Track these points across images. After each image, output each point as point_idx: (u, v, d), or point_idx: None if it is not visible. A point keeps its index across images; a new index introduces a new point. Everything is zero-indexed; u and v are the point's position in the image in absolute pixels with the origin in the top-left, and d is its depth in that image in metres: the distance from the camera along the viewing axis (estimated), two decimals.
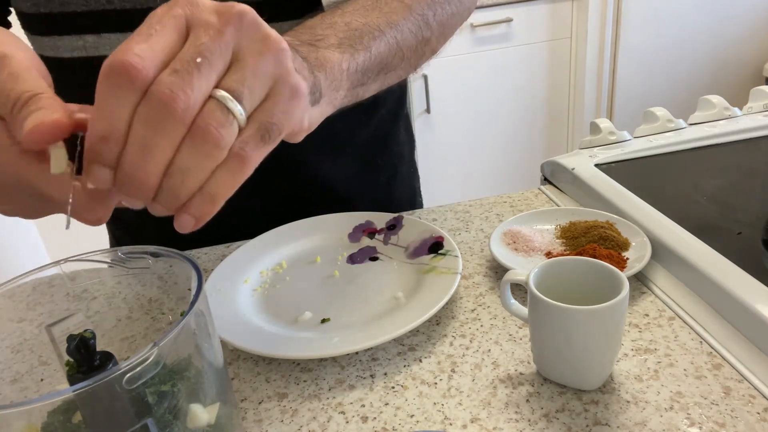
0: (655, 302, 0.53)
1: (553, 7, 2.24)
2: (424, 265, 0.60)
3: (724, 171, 0.73)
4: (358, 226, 0.68)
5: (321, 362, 0.50)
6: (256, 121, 0.31)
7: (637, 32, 2.28)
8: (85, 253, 0.39)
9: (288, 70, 0.32)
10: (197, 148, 0.29)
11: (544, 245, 0.61)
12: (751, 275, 0.49)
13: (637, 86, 2.37)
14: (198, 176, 0.30)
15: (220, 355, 0.37)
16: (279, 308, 0.57)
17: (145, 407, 0.31)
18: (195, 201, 0.31)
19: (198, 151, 0.29)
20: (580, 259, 0.45)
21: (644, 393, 0.43)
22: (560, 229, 0.63)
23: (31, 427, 0.30)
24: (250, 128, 0.31)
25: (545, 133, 2.42)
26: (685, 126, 0.82)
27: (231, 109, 0.30)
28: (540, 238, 0.62)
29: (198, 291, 0.34)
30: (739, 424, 0.40)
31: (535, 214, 0.65)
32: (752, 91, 0.87)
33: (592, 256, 0.54)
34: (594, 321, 0.41)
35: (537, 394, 0.44)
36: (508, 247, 0.60)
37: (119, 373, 0.28)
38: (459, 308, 0.55)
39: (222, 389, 0.37)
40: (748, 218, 0.61)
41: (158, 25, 0.29)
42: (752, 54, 2.41)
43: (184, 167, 0.30)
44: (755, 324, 0.45)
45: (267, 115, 0.32)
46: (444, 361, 0.49)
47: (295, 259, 0.65)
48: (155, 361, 0.30)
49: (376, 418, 0.44)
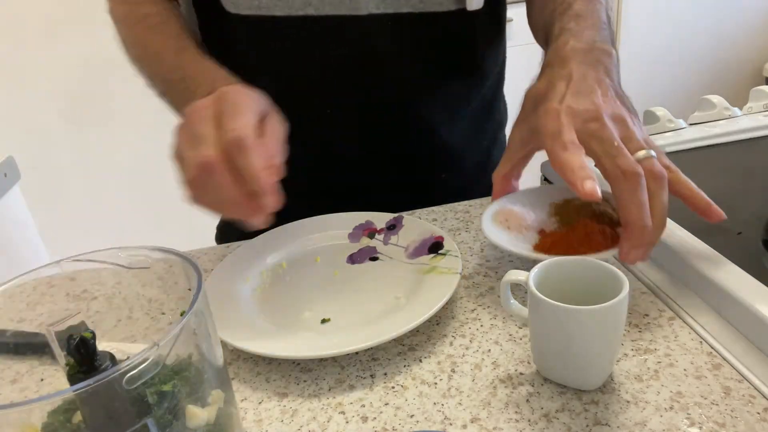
0: (655, 302, 0.53)
1: None
2: (424, 265, 0.59)
3: (724, 171, 0.73)
4: (358, 226, 0.68)
5: (321, 362, 0.50)
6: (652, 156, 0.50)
7: (637, 32, 2.28)
8: (84, 253, 0.39)
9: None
10: (662, 187, 0.49)
11: (537, 223, 0.60)
12: (751, 275, 0.49)
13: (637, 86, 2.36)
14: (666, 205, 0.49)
15: (220, 355, 0.37)
16: (279, 308, 0.57)
17: (145, 407, 0.31)
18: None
19: (663, 187, 0.49)
20: (580, 259, 0.45)
21: (644, 393, 0.43)
22: (554, 206, 0.62)
23: (31, 427, 0.30)
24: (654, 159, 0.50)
25: None
26: (685, 126, 0.82)
27: (651, 156, 0.50)
28: (533, 216, 0.60)
29: (198, 291, 0.34)
30: (739, 424, 0.40)
31: (529, 192, 0.63)
32: (752, 91, 0.87)
33: (584, 232, 0.54)
34: (594, 321, 0.41)
35: (537, 394, 0.44)
36: (500, 226, 0.59)
37: (119, 373, 0.28)
38: (459, 308, 0.55)
39: (222, 389, 0.37)
40: (748, 218, 0.61)
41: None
42: (752, 54, 2.41)
43: (665, 201, 0.49)
44: (755, 324, 0.45)
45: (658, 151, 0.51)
46: (444, 361, 0.49)
47: (295, 259, 0.65)
48: (155, 361, 0.30)
49: (376, 418, 0.44)
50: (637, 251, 0.49)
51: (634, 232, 0.48)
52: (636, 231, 0.48)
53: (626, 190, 0.47)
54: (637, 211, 0.47)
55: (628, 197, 0.47)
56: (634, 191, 0.47)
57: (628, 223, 0.48)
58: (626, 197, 0.48)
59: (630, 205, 0.47)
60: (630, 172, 0.47)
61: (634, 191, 0.47)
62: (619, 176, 0.48)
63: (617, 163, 0.48)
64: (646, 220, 0.47)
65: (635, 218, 0.47)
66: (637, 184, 0.47)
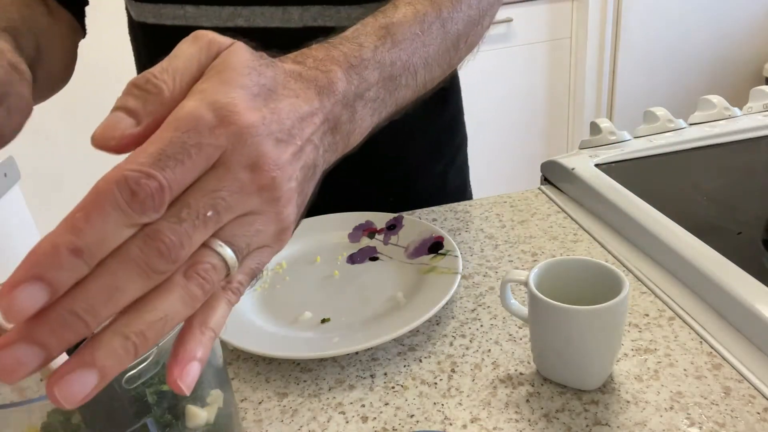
0: (655, 302, 0.53)
1: (553, 7, 2.24)
2: (424, 265, 0.60)
3: (724, 171, 0.73)
4: (358, 226, 0.68)
5: (321, 362, 0.50)
6: (246, 267, 0.29)
7: (637, 32, 2.28)
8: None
9: (288, 226, 0.30)
10: (185, 296, 0.26)
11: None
12: (751, 275, 0.49)
13: (637, 86, 2.37)
14: (175, 317, 0.26)
15: (219, 355, 0.37)
16: (279, 308, 0.57)
17: (145, 407, 0.31)
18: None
19: (182, 295, 0.26)
20: (580, 259, 0.45)
21: (644, 393, 0.43)
22: None
23: (31, 427, 0.30)
24: (239, 275, 0.29)
25: (545, 133, 2.42)
26: (685, 126, 0.82)
27: (229, 265, 0.27)
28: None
29: None
30: (739, 424, 0.40)
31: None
32: (752, 91, 0.87)
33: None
34: (594, 321, 0.41)
35: (537, 394, 0.44)
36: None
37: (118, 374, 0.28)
38: (459, 308, 0.55)
39: (222, 389, 0.37)
40: (748, 218, 0.61)
41: (196, 150, 0.25)
42: (752, 54, 2.41)
43: (170, 314, 0.26)
44: (755, 324, 0.45)
45: (257, 262, 0.29)
46: (444, 361, 0.49)
47: (295, 259, 0.65)
48: (155, 360, 0.30)
49: (376, 418, 0.44)
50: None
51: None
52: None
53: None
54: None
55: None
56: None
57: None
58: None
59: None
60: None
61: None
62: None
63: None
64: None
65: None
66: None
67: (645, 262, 0.58)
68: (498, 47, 2.24)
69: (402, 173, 0.75)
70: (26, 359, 0.23)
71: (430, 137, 0.76)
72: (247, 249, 0.28)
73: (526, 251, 0.63)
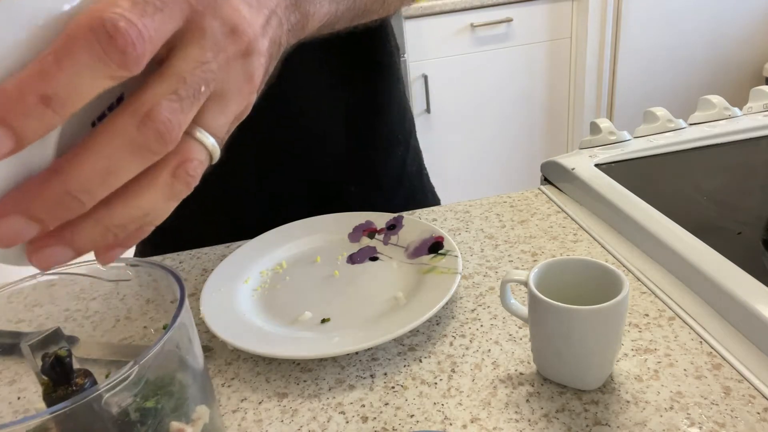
0: (655, 302, 0.53)
1: (553, 7, 2.24)
2: (424, 265, 0.59)
3: (724, 171, 0.73)
4: (358, 226, 0.68)
5: (321, 362, 0.50)
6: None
7: (637, 32, 2.28)
8: (64, 266, 0.38)
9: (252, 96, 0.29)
10: (169, 194, 0.26)
11: None
12: (751, 275, 0.49)
13: (637, 86, 2.37)
14: (157, 214, 0.26)
15: (201, 359, 0.36)
16: (279, 308, 0.57)
17: (128, 426, 0.30)
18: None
19: (167, 193, 0.26)
20: (580, 259, 0.45)
21: (644, 393, 0.43)
22: None
23: None
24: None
25: (545, 133, 2.42)
26: (685, 126, 0.82)
27: (213, 156, 0.27)
28: None
29: (180, 305, 0.32)
30: (739, 424, 0.40)
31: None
32: (752, 91, 0.87)
33: None
34: (594, 321, 0.41)
35: (537, 394, 0.44)
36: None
37: (97, 394, 0.27)
38: (459, 308, 0.55)
39: (207, 404, 0.35)
40: (748, 218, 0.61)
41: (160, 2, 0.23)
42: (752, 54, 2.41)
43: (152, 212, 0.26)
44: (755, 324, 0.45)
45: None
46: (444, 361, 0.49)
47: (295, 259, 0.65)
48: (136, 379, 0.28)
49: (376, 418, 0.44)
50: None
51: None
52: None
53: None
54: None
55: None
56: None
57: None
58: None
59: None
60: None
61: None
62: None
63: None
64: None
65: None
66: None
67: (645, 262, 0.58)
68: (498, 47, 2.24)
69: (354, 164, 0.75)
70: (23, 231, 0.24)
71: (386, 125, 0.77)
72: (227, 135, 0.28)
73: (526, 251, 0.63)
